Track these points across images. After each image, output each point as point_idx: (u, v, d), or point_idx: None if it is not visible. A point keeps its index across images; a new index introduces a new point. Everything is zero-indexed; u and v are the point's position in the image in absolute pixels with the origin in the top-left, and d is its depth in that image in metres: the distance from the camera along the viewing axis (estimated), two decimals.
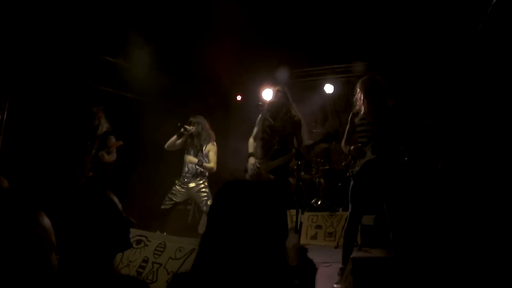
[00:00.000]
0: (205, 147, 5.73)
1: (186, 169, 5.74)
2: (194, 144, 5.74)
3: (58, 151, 5.94)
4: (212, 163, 5.71)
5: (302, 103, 8.16)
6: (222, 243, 1.38)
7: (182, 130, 5.66)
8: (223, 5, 6.04)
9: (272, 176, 4.79)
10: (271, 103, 4.96)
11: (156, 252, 4.09)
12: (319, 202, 7.44)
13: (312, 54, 7.67)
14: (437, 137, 5.96)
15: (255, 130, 5.18)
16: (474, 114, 5.71)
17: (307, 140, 4.71)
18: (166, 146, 5.82)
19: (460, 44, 6.25)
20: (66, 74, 6.28)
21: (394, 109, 4.28)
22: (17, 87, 5.69)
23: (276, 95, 4.98)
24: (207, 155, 5.76)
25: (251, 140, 5.18)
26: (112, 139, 5.79)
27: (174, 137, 5.75)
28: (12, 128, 5.63)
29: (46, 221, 1.43)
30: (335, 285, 4.01)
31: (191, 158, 5.64)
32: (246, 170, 5.06)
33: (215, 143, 5.85)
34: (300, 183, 7.86)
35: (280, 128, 4.76)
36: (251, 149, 5.08)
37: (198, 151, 5.73)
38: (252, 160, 4.96)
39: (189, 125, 5.70)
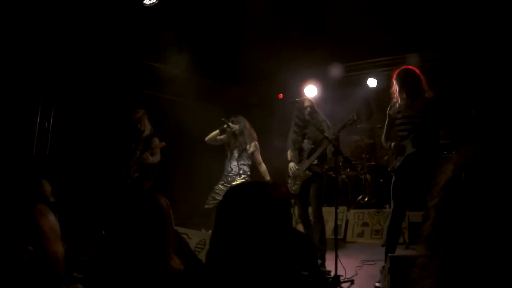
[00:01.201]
0: (249, 147, 5.74)
1: (229, 168, 5.77)
2: (238, 143, 5.75)
3: (104, 154, 6.15)
4: (263, 165, 5.83)
5: (346, 98, 8.02)
6: (229, 242, 1.42)
7: (225, 126, 5.68)
8: (263, 2, 6.04)
9: (310, 173, 4.95)
10: (302, 118, 5.18)
11: (196, 249, 4.17)
12: (365, 199, 7.28)
13: (354, 48, 7.49)
14: (485, 129, 5.67)
15: (290, 141, 5.41)
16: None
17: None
18: (206, 139, 5.86)
19: (503, 32, 5.91)
20: (110, 79, 6.49)
21: (434, 101, 4.10)
22: (62, 94, 5.94)
23: (306, 111, 5.16)
24: (250, 156, 5.78)
25: (289, 151, 5.43)
26: (156, 140, 5.92)
27: (216, 131, 5.78)
28: (58, 134, 5.89)
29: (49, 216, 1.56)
30: (376, 284, 3.91)
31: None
32: (289, 176, 5.30)
33: (257, 143, 5.85)
34: (346, 180, 7.79)
35: (313, 132, 5.06)
36: (289, 157, 5.37)
37: (242, 151, 5.75)
38: (291, 164, 5.24)
39: (232, 123, 5.73)
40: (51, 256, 1.43)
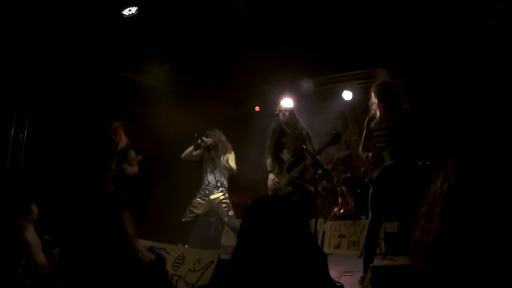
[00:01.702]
0: (222, 158, 5.74)
1: (207, 181, 5.77)
2: (211, 156, 5.77)
3: (79, 167, 6.03)
4: (232, 164, 5.77)
5: (321, 111, 8.13)
6: (255, 258, 1.44)
7: (199, 141, 5.69)
8: (241, 15, 6.08)
9: (290, 188, 4.89)
10: (282, 123, 5.20)
11: (175, 264, 4.11)
12: (341, 211, 7.33)
13: (330, 61, 7.60)
14: (460, 139, 5.81)
15: (267, 150, 5.46)
16: (493, 113, 5.54)
17: (315, 148, 4.96)
18: (182, 156, 5.87)
19: (475, 42, 6.10)
20: (84, 90, 6.39)
21: (412, 112, 4.18)
22: (37, 105, 5.82)
23: (286, 115, 5.24)
24: (224, 165, 5.77)
25: (268, 159, 5.42)
26: (132, 153, 5.85)
27: (191, 147, 5.79)
28: (32, 145, 5.75)
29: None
30: None
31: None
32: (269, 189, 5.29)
33: (232, 152, 5.87)
34: (322, 192, 7.84)
35: (292, 143, 5.08)
36: (269, 167, 5.36)
37: (215, 164, 5.76)
38: (271, 176, 5.24)
39: (206, 137, 5.74)
40: (39, 267, 1.41)
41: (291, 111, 5.25)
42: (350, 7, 6.23)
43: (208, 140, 5.73)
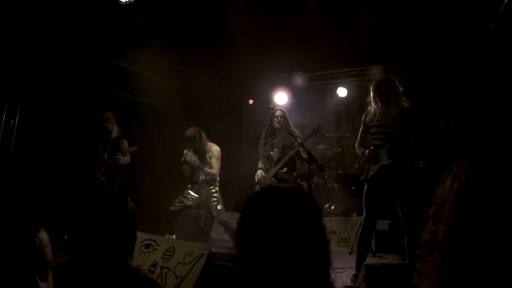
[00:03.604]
0: (209, 153, 5.71)
1: (197, 176, 5.74)
2: (197, 152, 5.73)
3: (70, 155, 5.96)
4: (213, 169, 5.68)
5: (315, 107, 8.10)
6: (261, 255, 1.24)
7: (182, 160, 5.71)
8: (236, 10, 6.03)
9: (275, 181, 5.11)
10: (272, 126, 5.39)
11: (165, 256, 4.06)
12: (332, 207, 7.33)
13: (325, 57, 7.57)
14: (452, 141, 5.82)
15: (261, 151, 5.62)
16: (489, 116, 5.55)
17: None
18: (186, 177, 5.82)
19: (473, 46, 6.10)
20: (78, 78, 6.31)
21: (410, 111, 4.15)
22: (29, 91, 5.73)
23: (276, 119, 5.33)
24: (209, 162, 5.73)
25: (260, 161, 5.64)
26: (125, 143, 5.80)
27: (184, 168, 5.79)
28: (24, 132, 5.67)
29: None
30: None
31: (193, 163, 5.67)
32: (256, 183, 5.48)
33: (214, 148, 5.76)
34: (314, 188, 7.82)
35: (281, 143, 5.31)
36: (259, 165, 5.57)
37: (204, 158, 5.73)
38: (259, 171, 5.46)
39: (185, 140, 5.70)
40: None
41: (282, 115, 5.38)
42: (348, 3, 6.20)
43: (187, 155, 5.67)
